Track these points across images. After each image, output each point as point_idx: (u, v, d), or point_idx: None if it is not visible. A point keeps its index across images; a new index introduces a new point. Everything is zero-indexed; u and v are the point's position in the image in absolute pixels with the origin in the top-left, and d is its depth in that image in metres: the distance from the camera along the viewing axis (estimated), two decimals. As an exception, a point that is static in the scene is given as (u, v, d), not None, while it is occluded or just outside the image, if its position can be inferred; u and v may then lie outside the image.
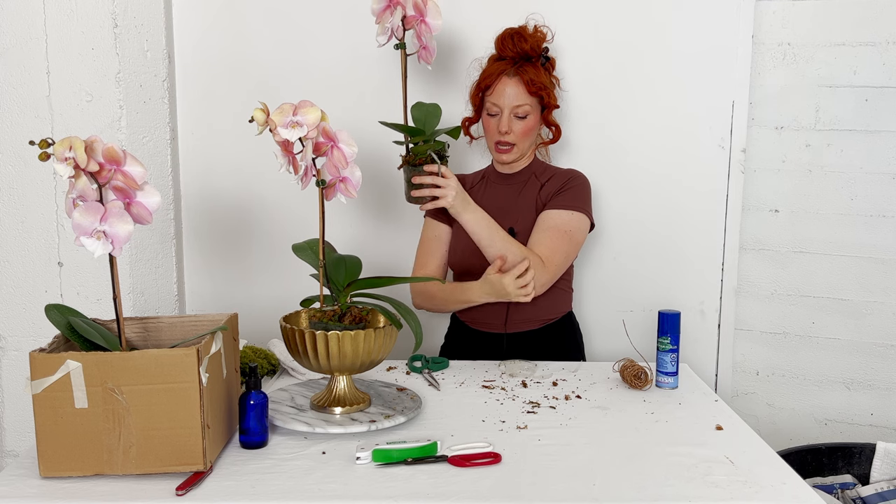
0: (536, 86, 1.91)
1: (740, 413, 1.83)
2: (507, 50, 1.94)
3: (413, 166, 1.79)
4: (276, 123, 1.41)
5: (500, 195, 2.02)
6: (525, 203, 1.98)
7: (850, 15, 2.13)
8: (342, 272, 1.58)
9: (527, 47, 1.92)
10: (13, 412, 2.19)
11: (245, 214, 2.34)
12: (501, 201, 2.00)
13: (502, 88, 1.92)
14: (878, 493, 1.81)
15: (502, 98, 1.92)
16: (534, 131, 1.97)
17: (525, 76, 1.91)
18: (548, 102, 1.95)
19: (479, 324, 2.02)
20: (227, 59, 2.28)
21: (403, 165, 1.82)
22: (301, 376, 1.81)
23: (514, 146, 1.94)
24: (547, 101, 1.95)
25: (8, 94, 2.07)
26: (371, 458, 1.34)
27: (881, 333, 2.22)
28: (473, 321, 2.03)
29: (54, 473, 1.27)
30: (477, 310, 1.98)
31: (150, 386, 1.26)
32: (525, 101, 1.91)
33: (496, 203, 1.99)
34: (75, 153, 1.20)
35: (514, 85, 1.91)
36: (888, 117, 2.14)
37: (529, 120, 1.93)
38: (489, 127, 1.96)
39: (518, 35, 1.94)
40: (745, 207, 2.26)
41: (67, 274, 2.13)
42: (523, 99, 1.91)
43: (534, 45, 1.93)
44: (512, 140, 1.93)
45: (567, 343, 2.05)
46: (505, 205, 1.99)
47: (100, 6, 2.05)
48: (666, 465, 1.35)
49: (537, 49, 1.95)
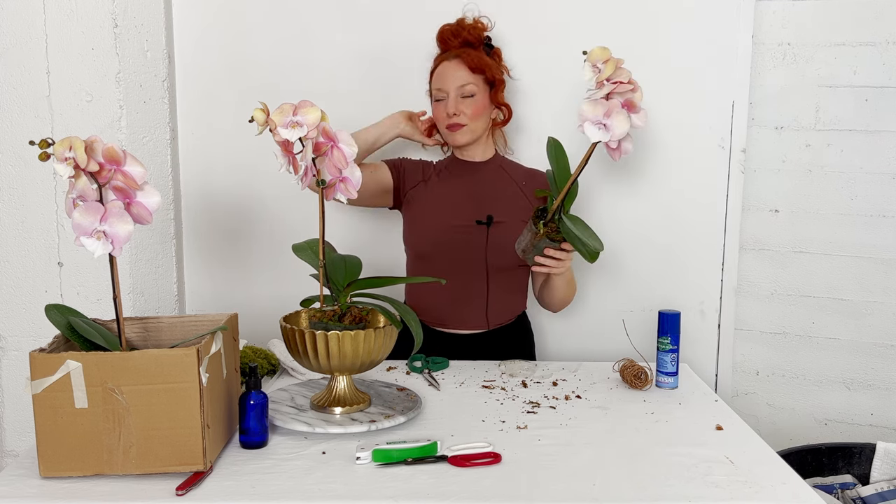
0: (477, 62, 1.92)
1: (740, 413, 1.83)
2: (449, 43, 1.98)
3: (552, 241, 1.70)
4: (276, 123, 1.41)
5: (469, 182, 1.99)
6: (501, 193, 1.96)
7: (850, 15, 2.13)
8: (342, 272, 1.58)
9: (466, 36, 1.97)
10: (13, 412, 2.19)
11: (245, 214, 2.34)
12: (471, 188, 1.98)
13: (443, 71, 1.94)
14: (878, 493, 1.81)
15: (445, 81, 1.92)
16: (485, 112, 1.96)
17: (465, 55, 1.93)
18: (492, 78, 1.96)
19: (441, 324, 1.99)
20: (227, 59, 2.28)
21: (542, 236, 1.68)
22: (301, 376, 1.81)
23: (465, 125, 1.93)
24: (491, 77, 1.95)
25: (8, 94, 2.07)
26: (371, 458, 1.34)
27: (881, 333, 2.22)
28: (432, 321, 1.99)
29: (54, 473, 1.27)
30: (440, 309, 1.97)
31: (150, 386, 1.26)
32: (468, 80, 1.92)
33: (466, 189, 1.98)
34: (75, 153, 1.20)
35: (455, 66, 1.93)
36: (888, 117, 2.14)
37: (478, 99, 1.93)
38: (439, 113, 1.95)
39: (457, 27, 1.99)
40: (745, 207, 2.26)
41: (67, 274, 2.13)
42: (466, 78, 1.92)
43: (473, 33, 1.98)
44: (462, 121, 1.92)
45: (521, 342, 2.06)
46: (476, 192, 1.97)
47: (100, 6, 2.05)
48: (666, 465, 1.35)
49: (478, 37, 1.99)
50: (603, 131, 1.49)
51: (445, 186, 2.00)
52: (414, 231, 1.99)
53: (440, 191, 1.99)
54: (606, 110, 1.49)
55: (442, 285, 1.89)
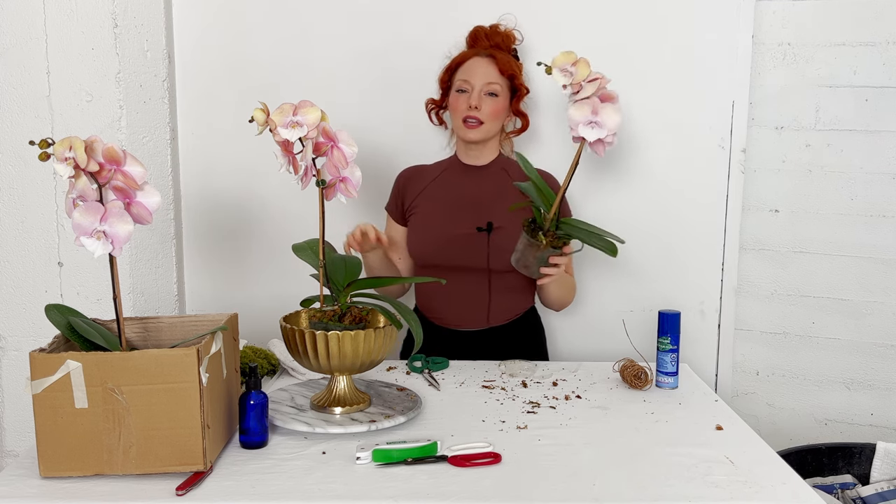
0: (509, 66, 1.95)
1: (740, 413, 1.83)
2: (480, 43, 2.01)
3: (554, 248, 1.69)
4: (276, 123, 1.41)
5: (470, 187, 1.99)
6: (501, 197, 1.96)
7: (850, 15, 2.13)
8: (342, 272, 1.58)
9: (500, 41, 2.00)
10: (13, 412, 2.19)
11: (245, 214, 2.34)
12: (474, 193, 1.98)
13: (474, 65, 1.96)
14: (878, 493, 1.81)
15: (474, 75, 1.94)
16: (502, 114, 1.97)
17: (499, 57, 1.96)
18: (518, 85, 1.98)
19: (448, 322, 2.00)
20: (227, 59, 2.28)
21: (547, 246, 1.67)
22: (301, 376, 1.81)
23: (482, 123, 1.93)
24: (517, 84, 1.98)
25: (8, 94, 2.07)
26: (371, 458, 1.34)
27: (881, 333, 2.22)
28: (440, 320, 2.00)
29: (54, 473, 1.27)
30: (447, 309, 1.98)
31: (150, 386, 1.26)
32: (496, 80, 1.94)
33: (467, 195, 1.98)
34: (75, 153, 1.20)
35: (486, 63, 1.95)
36: (888, 117, 2.14)
37: (499, 101, 1.94)
38: (457, 104, 1.95)
39: (492, 31, 2.02)
40: (745, 207, 2.26)
41: (67, 274, 2.13)
42: (495, 77, 1.94)
43: (506, 41, 2.02)
44: (481, 117, 1.92)
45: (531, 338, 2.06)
46: (477, 197, 1.97)
47: (100, 6, 2.05)
48: (666, 465, 1.35)
49: (509, 46, 2.03)
50: (597, 129, 1.52)
51: (445, 192, 2.00)
52: (416, 241, 1.99)
53: (440, 198, 2.00)
54: (592, 108, 1.52)
55: (447, 289, 1.91)
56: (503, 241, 1.90)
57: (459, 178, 2.02)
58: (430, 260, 1.96)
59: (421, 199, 2.01)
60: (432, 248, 1.95)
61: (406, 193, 2.03)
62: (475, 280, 1.95)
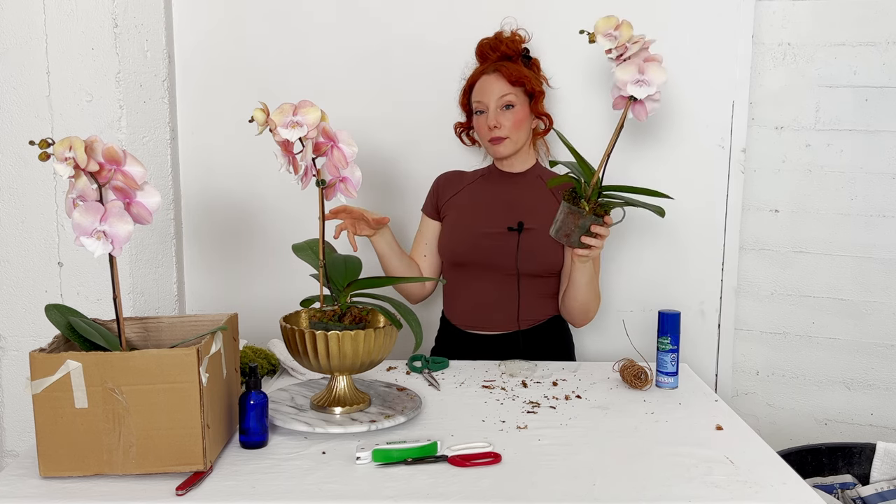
0: (516, 75, 1.94)
1: (740, 413, 1.83)
2: (488, 56, 2.01)
3: (597, 216, 1.66)
4: (276, 123, 1.41)
5: (504, 191, 2.02)
6: (535, 201, 1.97)
7: (850, 15, 2.13)
8: (342, 272, 1.58)
9: (505, 49, 2.00)
10: (13, 412, 2.19)
11: (245, 214, 2.34)
12: (507, 196, 2.00)
13: (483, 85, 1.96)
14: (878, 493, 1.81)
15: (485, 94, 1.95)
16: (525, 122, 1.97)
17: (504, 69, 1.95)
18: (532, 90, 1.97)
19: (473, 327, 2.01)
20: (228, 59, 2.28)
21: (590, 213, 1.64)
22: (301, 376, 1.81)
23: (507, 138, 1.94)
24: (531, 89, 1.97)
25: (8, 94, 2.07)
26: (371, 458, 1.34)
27: (881, 333, 2.22)
28: (465, 325, 2.01)
29: (54, 473, 1.27)
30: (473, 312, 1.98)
31: (150, 386, 1.26)
32: (508, 91, 1.94)
33: (502, 198, 2.00)
34: (75, 153, 1.20)
35: (494, 79, 1.95)
36: (888, 117, 2.14)
37: (518, 111, 1.94)
38: (480, 127, 1.97)
39: (495, 40, 2.02)
40: (745, 207, 2.26)
41: (67, 274, 2.13)
42: (506, 89, 1.94)
43: (511, 46, 2.01)
44: (504, 133, 1.93)
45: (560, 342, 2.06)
46: (511, 200, 1.99)
47: (100, 6, 2.05)
48: (666, 465, 1.35)
49: (516, 50, 2.01)
50: (645, 87, 1.56)
51: (480, 194, 2.02)
52: (447, 238, 2.01)
53: (475, 199, 2.02)
54: (639, 68, 1.55)
55: (476, 291, 1.94)
56: (533, 244, 1.92)
57: (495, 183, 2.04)
58: (460, 258, 1.98)
59: (456, 199, 2.03)
60: (463, 246, 1.97)
61: (442, 193, 2.06)
62: (504, 281, 1.96)
